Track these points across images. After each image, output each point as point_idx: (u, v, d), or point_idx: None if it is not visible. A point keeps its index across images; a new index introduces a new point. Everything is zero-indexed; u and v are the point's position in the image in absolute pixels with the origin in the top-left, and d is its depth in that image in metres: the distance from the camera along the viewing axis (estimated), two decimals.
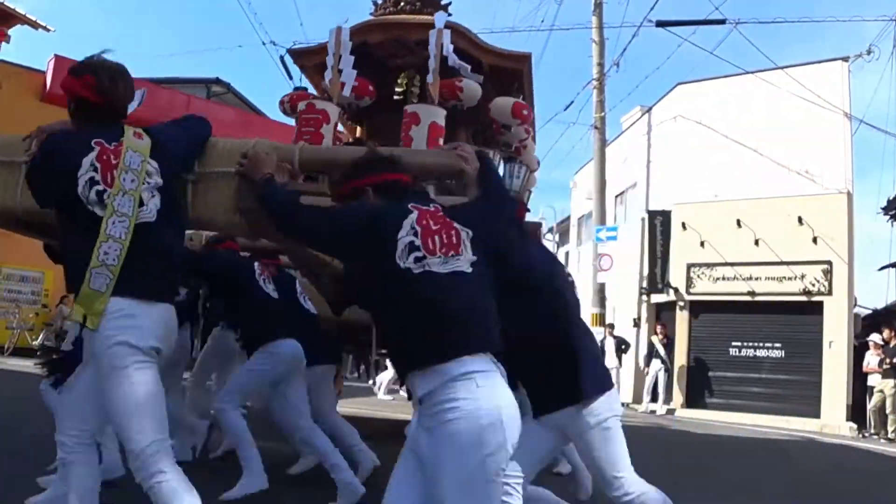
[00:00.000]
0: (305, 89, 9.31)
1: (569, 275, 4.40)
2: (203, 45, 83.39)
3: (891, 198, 20.33)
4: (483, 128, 9.03)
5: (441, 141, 7.13)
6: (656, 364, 17.94)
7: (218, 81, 25.33)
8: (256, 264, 5.74)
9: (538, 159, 10.60)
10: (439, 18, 7.85)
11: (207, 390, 7.22)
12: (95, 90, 3.41)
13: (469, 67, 7.77)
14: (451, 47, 7.80)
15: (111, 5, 72.56)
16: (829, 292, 17.14)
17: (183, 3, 73.09)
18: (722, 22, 17.29)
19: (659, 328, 18.70)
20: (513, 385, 2.89)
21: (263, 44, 17.85)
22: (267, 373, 5.44)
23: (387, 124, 9.01)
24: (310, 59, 8.98)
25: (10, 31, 17.91)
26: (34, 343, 18.52)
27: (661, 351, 17.92)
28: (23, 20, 17.71)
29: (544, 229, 30.42)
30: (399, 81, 8.85)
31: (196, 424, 6.37)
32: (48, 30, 18.21)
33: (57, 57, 20.49)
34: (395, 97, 8.99)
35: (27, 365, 15.19)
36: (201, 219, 3.98)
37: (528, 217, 10.42)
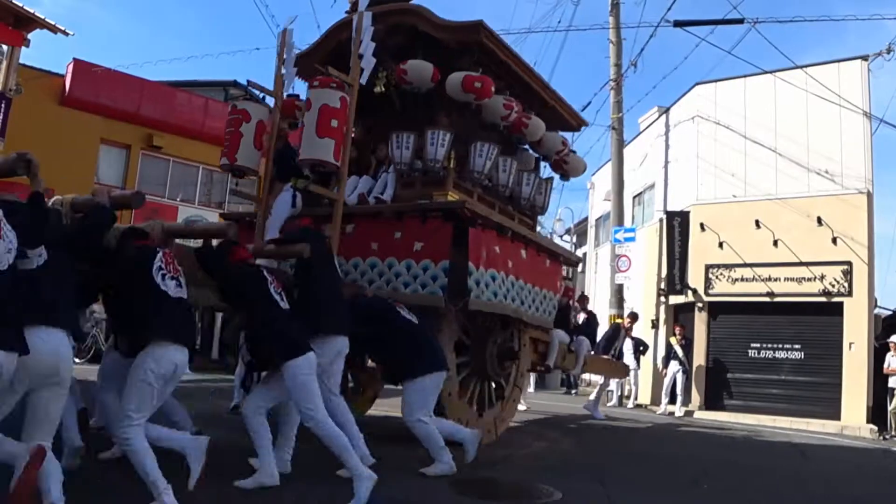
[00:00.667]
0: (297, 96, 9.37)
1: None
2: (220, 48, 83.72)
3: None
4: (467, 111, 8.92)
5: (335, 123, 7.24)
6: (674, 366, 17.84)
7: (235, 84, 25.43)
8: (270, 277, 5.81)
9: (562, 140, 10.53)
10: (362, 2, 7.96)
11: None
12: None
13: (373, 51, 7.90)
14: (369, 32, 7.91)
15: (129, 9, 72.94)
16: (849, 293, 17.02)
17: (200, 7, 73.40)
18: (740, 21, 17.25)
19: (677, 329, 18.60)
20: None
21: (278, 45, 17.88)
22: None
23: (370, 119, 9.21)
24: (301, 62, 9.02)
25: (29, 36, 18.01)
26: None
27: (680, 352, 17.82)
28: (42, 24, 17.81)
29: (561, 230, 30.42)
30: (379, 74, 8.86)
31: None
32: (67, 34, 18.30)
33: (76, 61, 20.64)
34: (376, 90, 8.98)
35: None
36: None
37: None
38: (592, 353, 13.75)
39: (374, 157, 9.41)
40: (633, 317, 17.38)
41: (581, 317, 14.51)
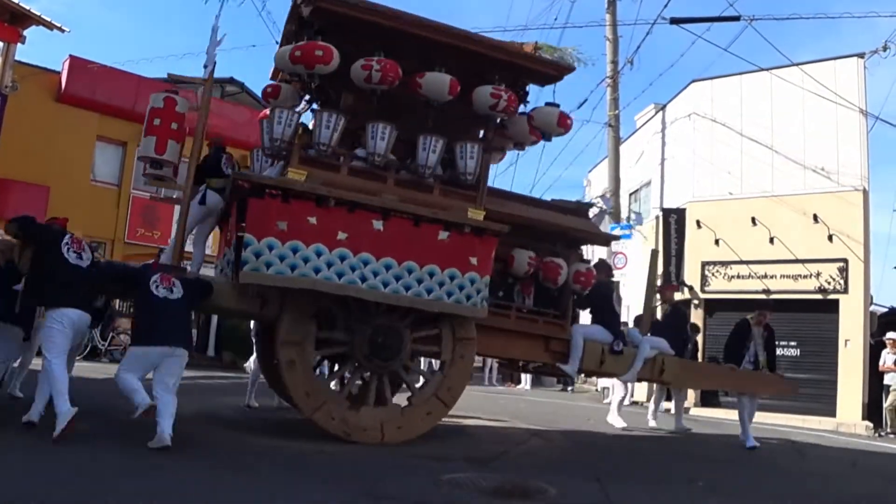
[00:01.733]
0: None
1: None
2: None
3: None
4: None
5: (157, 121, 9.09)
6: None
7: (232, 81, 25.37)
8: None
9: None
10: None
11: None
12: None
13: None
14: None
15: (125, 5, 72.79)
16: (845, 290, 17.06)
17: (196, 3, 73.32)
18: (736, 18, 17.24)
19: None
20: None
21: (277, 43, 17.83)
22: None
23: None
24: None
25: (25, 32, 17.96)
26: None
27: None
28: (38, 21, 17.75)
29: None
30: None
31: None
32: (63, 30, 18.25)
33: (72, 57, 20.60)
34: None
35: None
36: None
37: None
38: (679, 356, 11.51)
39: None
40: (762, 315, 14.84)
41: (660, 308, 13.95)
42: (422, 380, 9.63)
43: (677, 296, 19.10)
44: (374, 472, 6.38)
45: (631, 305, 20.91)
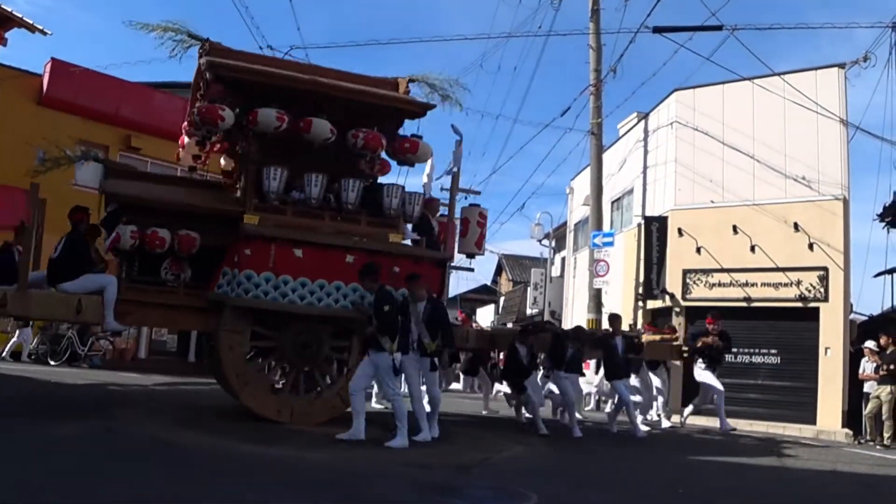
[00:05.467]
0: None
1: None
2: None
3: (887, 204, 20.37)
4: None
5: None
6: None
7: None
8: None
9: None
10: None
11: None
12: None
13: None
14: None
15: (107, 8, 72.47)
16: (826, 298, 17.16)
17: (179, 7, 73.09)
18: (719, 28, 17.32)
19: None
20: None
21: (260, 48, 17.77)
22: None
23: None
24: None
25: (6, 35, 17.85)
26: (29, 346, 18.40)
27: None
28: (19, 23, 17.65)
29: (540, 234, 30.49)
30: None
31: None
32: (45, 33, 18.16)
33: (54, 60, 20.49)
34: None
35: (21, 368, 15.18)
36: None
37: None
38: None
39: None
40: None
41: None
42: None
43: (658, 303, 19.20)
44: (354, 478, 6.36)
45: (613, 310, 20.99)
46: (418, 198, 10.85)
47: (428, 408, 9.86)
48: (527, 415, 13.18)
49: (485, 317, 39.38)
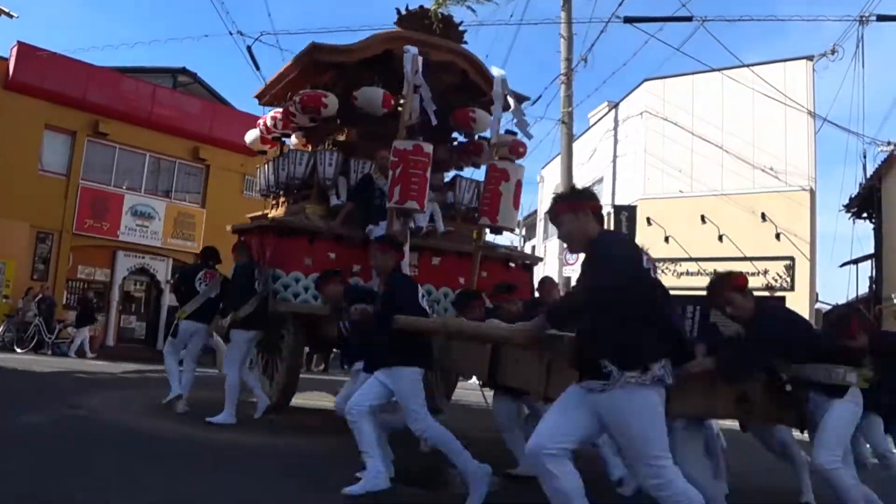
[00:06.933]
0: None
1: None
2: (169, 34, 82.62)
3: (853, 195, 20.62)
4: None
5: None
6: None
7: (184, 71, 25.08)
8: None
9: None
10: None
11: None
12: None
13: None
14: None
15: None
16: (792, 288, 17.36)
17: None
18: (689, 19, 17.40)
19: None
20: None
21: (230, 33, 17.63)
22: None
23: (382, 131, 9.18)
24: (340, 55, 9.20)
25: None
26: None
27: None
28: None
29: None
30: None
31: None
32: (11, 16, 17.94)
33: (20, 44, 20.20)
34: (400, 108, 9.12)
35: None
36: None
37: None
38: None
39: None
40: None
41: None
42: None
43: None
44: (324, 465, 6.36)
45: None
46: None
47: None
48: None
49: None
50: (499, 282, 7.93)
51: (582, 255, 3.69)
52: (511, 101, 8.76)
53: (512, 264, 9.59)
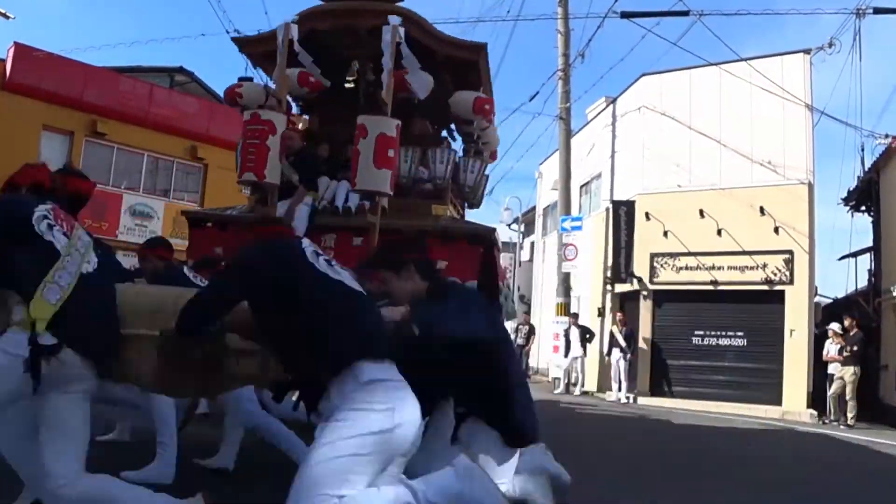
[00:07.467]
0: (251, 79, 9.22)
1: None
2: (165, 33, 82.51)
3: (851, 189, 20.63)
4: (443, 118, 8.90)
5: (391, 153, 7.10)
6: (616, 353, 18.10)
7: (181, 70, 25.09)
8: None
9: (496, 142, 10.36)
10: (393, 19, 7.76)
11: None
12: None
13: (418, 64, 7.69)
14: (405, 42, 7.74)
15: None
16: (791, 281, 17.35)
17: None
18: (686, 13, 17.44)
19: (618, 317, 18.87)
20: None
21: (227, 32, 17.63)
22: None
23: (339, 114, 8.92)
24: (257, 46, 8.91)
25: None
26: None
27: (621, 340, 18.07)
28: None
29: (509, 219, 30.55)
30: (351, 71, 8.68)
31: None
32: (8, 17, 17.94)
33: (17, 44, 20.18)
34: (347, 86, 8.83)
35: None
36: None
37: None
38: None
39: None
40: None
41: None
42: None
43: (626, 286, 19.35)
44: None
45: (581, 296, 21.15)
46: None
47: None
48: None
49: None
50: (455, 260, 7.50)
51: (581, 254, 3.72)
52: (405, 50, 7.96)
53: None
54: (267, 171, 7.60)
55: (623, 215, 19.51)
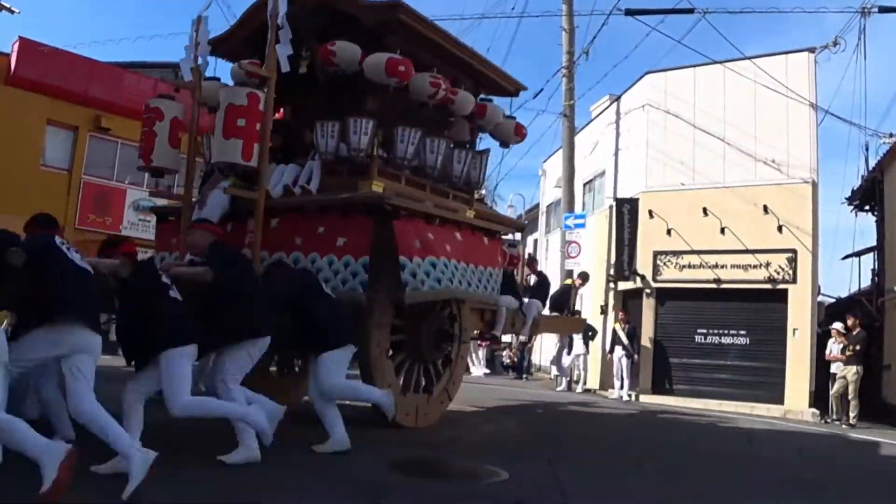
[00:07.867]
0: (218, 79, 9.24)
1: None
2: (170, 28, 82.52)
3: (855, 188, 20.60)
4: (393, 92, 8.41)
5: (242, 122, 7.37)
6: (619, 351, 18.11)
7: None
8: None
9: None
10: None
11: None
12: None
13: (290, 33, 7.72)
14: (283, 11, 7.71)
15: None
16: (794, 280, 17.33)
17: None
18: (690, 11, 17.46)
19: (621, 315, 18.87)
20: None
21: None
22: None
23: (308, 102, 8.94)
24: (223, 46, 9.00)
25: None
26: None
27: (623, 338, 18.07)
28: None
29: (512, 216, 30.54)
30: (303, 54, 8.58)
31: None
32: (13, 11, 17.95)
33: (22, 39, 20.20)
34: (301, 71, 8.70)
35: None
36: None
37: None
38: (545, 313, 13.43)
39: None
40: (584, 277, 17.34)
41: (532, 279, 14.70)
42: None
43: (629, 284, 19.36)
44: (325, 456, 6.38)
45: (584, 294, 21.15)
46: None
47: None
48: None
49: None
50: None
51: (584, 252, 3.76)
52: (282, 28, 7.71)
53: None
54: (154, 157, 7.86)
55: (626, 213, 19.49)
